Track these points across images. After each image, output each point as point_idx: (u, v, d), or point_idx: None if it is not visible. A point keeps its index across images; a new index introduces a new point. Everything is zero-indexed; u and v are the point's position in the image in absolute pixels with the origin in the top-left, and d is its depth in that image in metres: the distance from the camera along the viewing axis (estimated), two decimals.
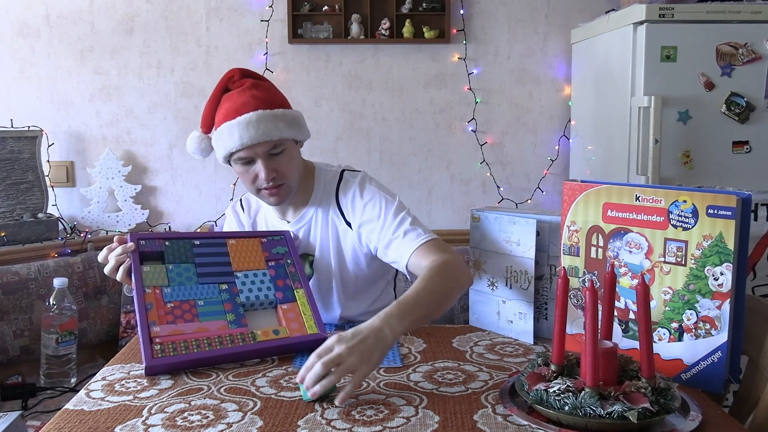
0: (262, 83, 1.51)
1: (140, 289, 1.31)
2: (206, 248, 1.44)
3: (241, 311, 1.36)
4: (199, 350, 1.25)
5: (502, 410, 1.07)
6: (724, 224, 1.12)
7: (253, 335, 1.31)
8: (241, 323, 1.33)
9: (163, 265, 1.37)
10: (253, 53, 2.72)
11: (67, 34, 2.70)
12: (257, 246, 1.49)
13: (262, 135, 1.42)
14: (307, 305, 1.41)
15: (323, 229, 1.58)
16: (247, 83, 1.48)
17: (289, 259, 1.49)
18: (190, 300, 1.34)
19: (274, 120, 1.44)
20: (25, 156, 2.52)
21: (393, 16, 2.68)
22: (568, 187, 1.31)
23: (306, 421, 1.04)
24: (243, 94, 1.46)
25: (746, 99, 2.15)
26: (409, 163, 2.82)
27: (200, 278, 1.38)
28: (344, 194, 1.56)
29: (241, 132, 1.42)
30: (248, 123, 1.42)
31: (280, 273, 1.46)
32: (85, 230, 2.62)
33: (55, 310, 1.94)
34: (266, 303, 1.40)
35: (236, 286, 1.40)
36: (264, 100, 1.46)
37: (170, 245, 1.41)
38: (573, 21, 2.73)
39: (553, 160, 2.81)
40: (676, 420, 1.02)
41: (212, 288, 1.38)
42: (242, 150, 1.44)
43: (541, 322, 1.46)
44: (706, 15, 2.12)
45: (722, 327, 1.13)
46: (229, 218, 1.73)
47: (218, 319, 1.33)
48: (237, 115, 1.43)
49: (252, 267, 1.45)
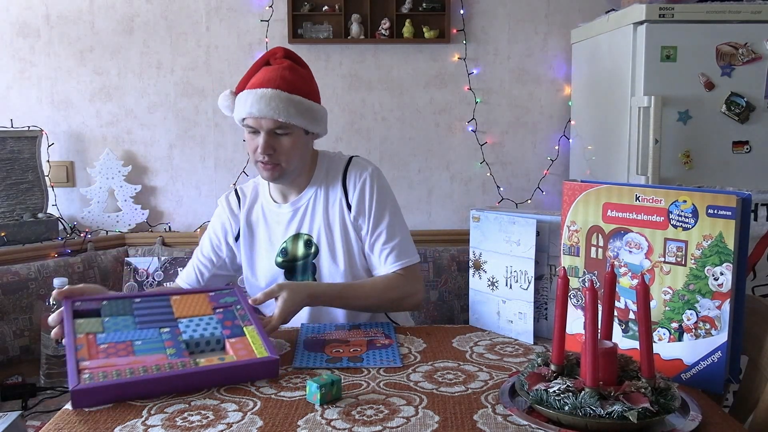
0: (299, 68, 1.61)
1: (71, 335, 1.21)
2: (147, 303, 1.35)
3: (183, 346, 1.23)
4: (133, 375, 1.11)
5: (502, 410, 1.07)
6: (724, 224, 1.12)
7: (195, 362, 1.17)
8: (182, 355, 1.20)
9: (99, 318, 1.27)
10: (253, 53, 2.72)
11: (67, 34, 2.70)
12: (203, 298, 1.40)
13: (269, 111, 1.52)
14: (257, 337, 1.27)
15: (324, 206, 1.65)
16: (285, 63, 1.58)
17: (238, 305, 1.38)
18: (126, 341, 1.22)
19: (287, 103, 1.53)
20: (25, 156, 2.52)
21: (393, 16, 2.68)
22: (568, 187, 1.31)
23: (306, 421, 1.04)
24: (275, 71, 1.56)
25: (746, 99, 2.15)
26: (409, 163, 2.82)
27: (139, 326, 1.27)
28: (352, 177, 1.65)
29: (252, 102, 1.52)
30: (262, 96, 1.52)
31: (228, 316, 1.34)
32: (85, 230, 2.62)
33: (55, 310, 1.94)
34: (212, 341, 1.26)
35: (179, 329, 1.28)
36: (289, 83, 1.55)
37: (107, 303, 1.32)
38: (573, 21, 2.73)
39: (553, 160, 2.81)
40: (676, 420, 1.02)
41: (152, 331, 1.26)
42: (249, 118, 1.55)
43: (541, 322, 1.46)
44: (706, 15, 2.12)
45: (722, 327, 1.13)
46: (221, 209, 1.75)
47: (157, 353, 1.19)
48: (259, 87, 1.54)
49: (197, 314, 1.34)
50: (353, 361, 1.31)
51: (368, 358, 1.32)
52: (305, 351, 1.36)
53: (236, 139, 2.75)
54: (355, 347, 1.39)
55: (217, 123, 2.76)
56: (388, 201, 1.66)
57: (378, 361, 1.30)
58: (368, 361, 1.30)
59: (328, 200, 1.67)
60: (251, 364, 1.19)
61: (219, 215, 1.75)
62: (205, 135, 2.77)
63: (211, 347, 1.25)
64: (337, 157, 1.72)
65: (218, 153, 2.77)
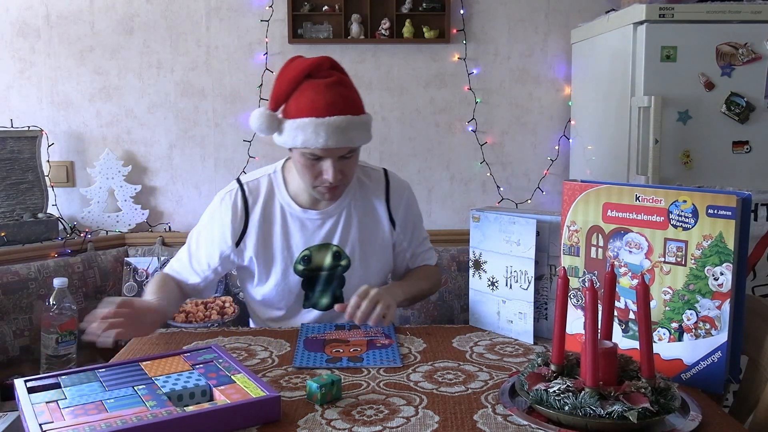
0: (347, 80, 1.50)
1: (29, 410, 1.03)
2: (114, 370, 1.19)
3: (165, 398, 1.06)
4: (110, 427, 0.95)
5: (502, 410, 1.07)
6: (724, 224, 1.12)
7: (182, 410, 1.02)
8: (165, 405, 1.03)
9: (60, 389, 1.10)
10: (253, 53, 2.72)
11: (67, 34, 2.70)
12: (178, 359, 1.24)
13: (346, 141, 1.43)
14: (249, 381, 1.11)
15: (361, 220, 1.63)
16: (334, 77, 1.46)
17: (220, 359, 1.22)
18: (96, 401, 1.05)
19: (359, 128, 1.46)
20: (25, 156, 2.52)
21: (393, 16, 2.68)
22: (568, 187, 1.31)
23: (306, 421, 1.04)
24: (331, 90, 1.43)
25: (746, 99, 2.15)
26: (409, 163, 2.82)
27: (108, 388, 1.10)
28: (395, 195, 1.68)
29: (328, 134, 1.41)
30: (338, 127, 1.41)
31: (211, 369, 1.18)
32: (85, 230, 2.62)
33: (55, 310, 1.94)
34: (197, 392, 1.10)
35: (156, 384, 1.11)
36: (352, 103, 1.46)
37: (67, 377, 1.15)
38: (573, 21, 2.73)
39: (553, 160, 2.81)
40: (676, 420, 1.02)
41: (125, 389, 1.09)
42: (320, 149, 1.44)
43: (541, 322, 1.46)
44: (706, 15, 2.12)
45: (722, 327, 1.13)
46: (223, 211, 1.59)
47: (135, 407, 1.03)
48: (326, 114, 1.41)
49: (175, 371, 1.17)
50: (353, 361, 1.31)
51: (368, 358, 1.32)
52: (305, 351, 1.36)
53: (236, 139, 2.75)
54: (355, 347, 1.39)
55: (217, 123, 2.76)
56: (421, 217, 1.78)
57: (378, 361, 1.30)
58: (368, 361, 1.30)
59: (366, 214, 1.63)
60: (249, 404, 1.03)
61: (220, 217, 1.60)
62: (205, 135, 2.77)
63: (197, 400, 1.09)
64: (370, 169, 1.69)
65: (218, 153, 2.77)
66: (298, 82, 1.46)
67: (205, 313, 2.39)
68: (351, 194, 1.63)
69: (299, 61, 1.50)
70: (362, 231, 1.63)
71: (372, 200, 1.65)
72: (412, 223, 1.73)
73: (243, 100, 2.74)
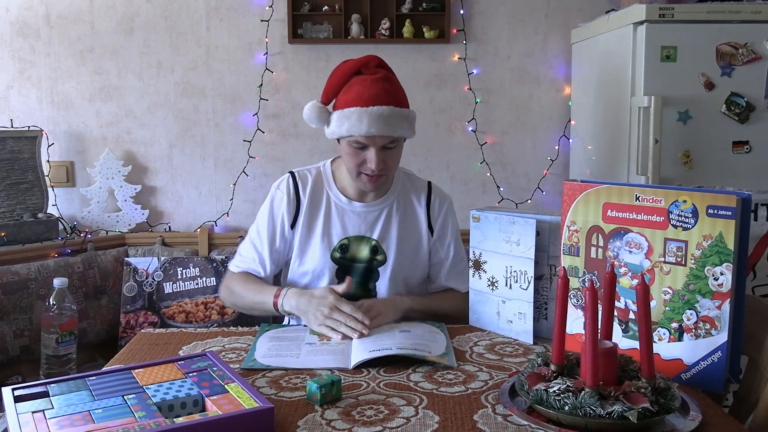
0: (393, 78, 1.63)
1: (13, 421, 1.02)
2: (104, 378, 1.17)
3: (155, 409, 1.04)
4: None
5: (502, 410, 1.07)
6: (724, 224, 1.12)
7: (172, 422, 0.99)
8: (154, 416, 1.01)
9: (47, 398, 1.09)
10: (253, 53, 2.72)
11: (67, 34, 2.70)
12: (171, 366, 1.22)
13: (387, 129, 1.54)
14: (243, 392, 1.09)
15: (402, 219, 1.69)
16: (380, 74, 1.59)
17: (214, 367, 1.20)
18: (82, 411, 1.03)
19: (401, 118, 1.57)
20: (25, 156, 2.52)
21: (393, 16, 2.68)
22: (568, 187, 1.31)
23: (306, 421, 1.04)
24: (376, 84, 1.56)
25: (746, 99, 2.15)
26: (409, 163, 2.81)
27: (97, 398, 1.08)
28: (437, 202, 1.74)
29: (370, 121, 1.52)
30: (380, 115, 1.53)
31: (204, 378, 1.15)
32: (85, 230, 2.62)
33: (55, 310, 1.94)
34: (189, 402, 1.08)
35: (147, 393, 1.09)
36: (395, 97, 1.58)
37: (56, 385, 1.14)
38: (573, 21, 2.73)
39: (553, 160, 2.81)
40: (676, 420, 1.02)
41: (114, 399, 1.07)
42: (363, 137, 1.54)
43: (541, 322, 1.46)
44: (706, 15, 2.12)
45: (722, 327, 1.13)
46: (280, 197, 1.69)
47: (123, 417, 1.01)
48: (371, 104, 1.53)
49: (167, 379, 1.15)
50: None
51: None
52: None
53: (236, 139, 2.75)
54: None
55: (217, 123, 2.76)
56: (459, 231, 1.78)
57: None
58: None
59: (406, 215, 1.71)
60: (241, 416, 1.00)
61: (278, 203, 1.69)
62: (205, 135, 2.77)
63: (188, 410, 1.07)
64: (414, 177, 1.79)
65: (218, 153, 2.77)
66: (348, 78, 1.60)
67: (205, 313, 2.40)
68: (395, 194, 1.71)
69: (350, 60, 1.64)
70: (401, 230, 1.69)
71: (414, 204, 1.73)
72: (451, 235, 1.75)
73: (243, 100, 2.74)
